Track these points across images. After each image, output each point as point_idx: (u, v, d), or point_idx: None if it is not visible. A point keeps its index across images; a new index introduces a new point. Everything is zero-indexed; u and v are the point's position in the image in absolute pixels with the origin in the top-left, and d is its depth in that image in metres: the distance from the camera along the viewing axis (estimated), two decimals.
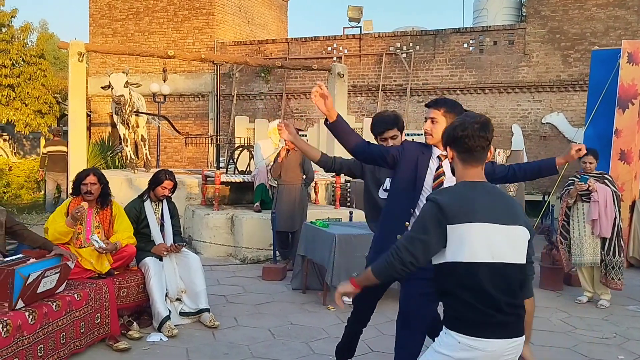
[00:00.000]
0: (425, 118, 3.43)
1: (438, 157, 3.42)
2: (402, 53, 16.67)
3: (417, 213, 3.15)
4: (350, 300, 6.06)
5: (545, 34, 15.15)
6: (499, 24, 16.30)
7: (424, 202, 2.62)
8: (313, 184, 9.23)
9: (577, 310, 6.24)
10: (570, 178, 6.73)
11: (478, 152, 2.49)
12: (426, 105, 3.50)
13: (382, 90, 16.85)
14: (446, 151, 2.60)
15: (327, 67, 12.33)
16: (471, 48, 16.09)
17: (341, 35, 17.76)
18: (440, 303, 2.55)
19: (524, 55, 15.40)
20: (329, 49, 17.60)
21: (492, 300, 2.35)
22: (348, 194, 10.74)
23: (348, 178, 11.14)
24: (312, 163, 6.76)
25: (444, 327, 2.46)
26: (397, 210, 3.50)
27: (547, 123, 15.12)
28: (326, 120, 3.46)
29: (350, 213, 8.37)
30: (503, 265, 2.38)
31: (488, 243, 2.37)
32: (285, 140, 7.44)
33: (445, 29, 16.37)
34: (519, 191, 9.85)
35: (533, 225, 9.96)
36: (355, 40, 17.41)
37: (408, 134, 14.90)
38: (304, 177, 7.83)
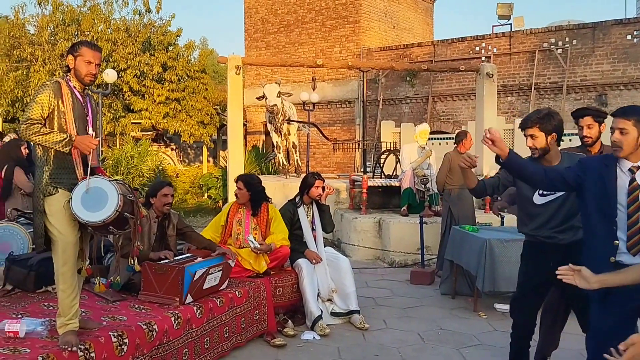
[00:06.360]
0: (612, 129, 3.06)
1: (630, 169, 2.98)
2: (557, 49, 15.77)
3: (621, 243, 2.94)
4: (506, 309, 5.90)
5: None
6: None
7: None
8: None
9: None
10: None
11: None
12: (613, 115, 3.10)
13: (534, 88, 16.06)
14: None
15: (475, 67, 12.01)
16: (635, 40, 14.81)
17: (490, 34, 17.22)
18: None
19: None
20: (477, 48, 17.13)
21: None
22: (498, 198, 10.36)
23: None
24: None
25: None
26: (597, 244, 3.06)
27: None
28: (497, 158, 3.34)
29: (502, 217, 8.09)
30: None
31: None
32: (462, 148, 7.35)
33: (605, 21, 15.24)
34: None
35: None
36: (505, 38, 16.79)
37: (565, 134, 14.09)
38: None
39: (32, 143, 3.90)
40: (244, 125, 18.68)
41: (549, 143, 3.64)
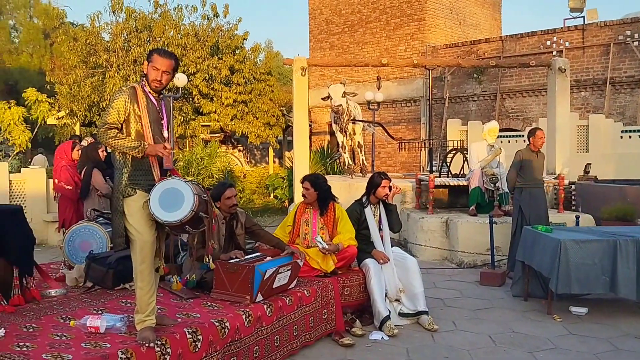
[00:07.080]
0: None
1: None
2: (633, 41, 15.06)
3: None
4: (582, 312, 5.69)
5: None
6: None
7: None
8: None
9: None
10: None
11: None
12: None
13: (610, 83, 15.39)
14: None
15: (546, 62, 11.62)
16: None
17: (561, 28, 16.64)
18: None
19: None
20: (548, 43, 16.59)
21: None
22: (573, 197, 10.00)
23: (573, 179, 10.38)
24: None
25: None
26: None
27: None
28: None
29: (577, 217, 7.80)
30: None
31: None
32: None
33: None
34: None
35: None
36: (578, 31, 16.17)
37: (633, 130, 13.43)
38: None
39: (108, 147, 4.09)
40: (309, 125, 18.79)
41: None
